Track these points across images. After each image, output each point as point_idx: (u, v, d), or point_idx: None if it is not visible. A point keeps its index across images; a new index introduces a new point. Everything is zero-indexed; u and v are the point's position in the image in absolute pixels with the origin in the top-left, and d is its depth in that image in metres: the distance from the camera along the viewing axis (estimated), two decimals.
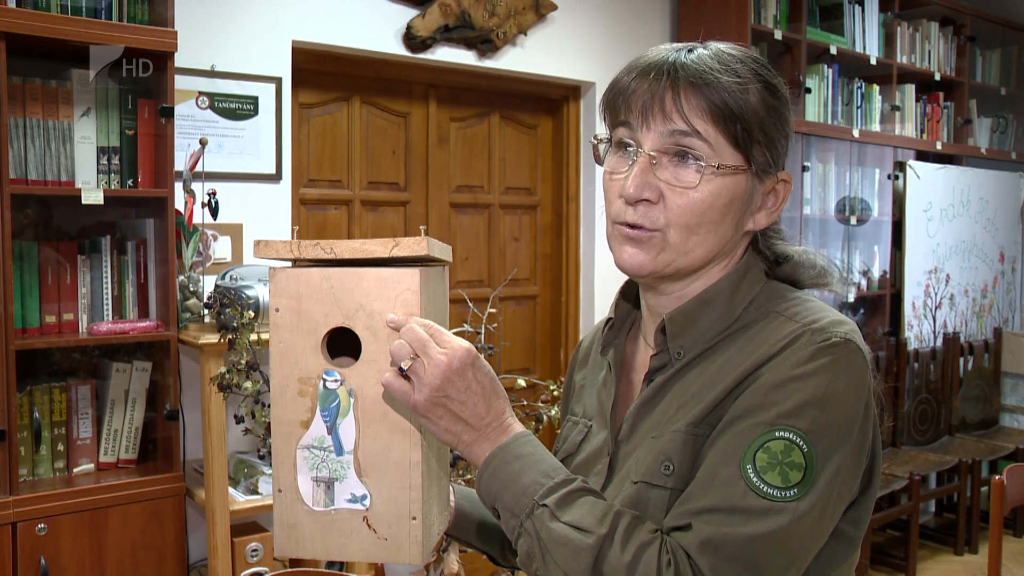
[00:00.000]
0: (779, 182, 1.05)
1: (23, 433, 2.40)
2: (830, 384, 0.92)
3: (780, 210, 1.06)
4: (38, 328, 2.45)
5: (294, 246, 1.06)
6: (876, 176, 4.77)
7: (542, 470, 0.99)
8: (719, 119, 0.98)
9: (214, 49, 2.94)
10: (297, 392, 1.07)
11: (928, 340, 4.90)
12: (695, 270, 1.04)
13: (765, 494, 0.89)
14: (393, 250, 1.03)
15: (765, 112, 1.00)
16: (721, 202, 0.99)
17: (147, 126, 2.56)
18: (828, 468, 0.90)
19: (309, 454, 1.07)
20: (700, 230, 1.00)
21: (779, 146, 1.03)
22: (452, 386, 0.98)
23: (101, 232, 2.61)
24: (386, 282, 1.03)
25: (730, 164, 0.99)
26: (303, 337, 1.06)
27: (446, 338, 1.00)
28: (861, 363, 0.94)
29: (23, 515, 2.28)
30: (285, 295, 1.06)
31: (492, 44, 3.57)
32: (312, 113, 3.35)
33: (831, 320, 0.97)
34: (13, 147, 2.35)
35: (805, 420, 0.90)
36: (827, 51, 4.34)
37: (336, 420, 1.06)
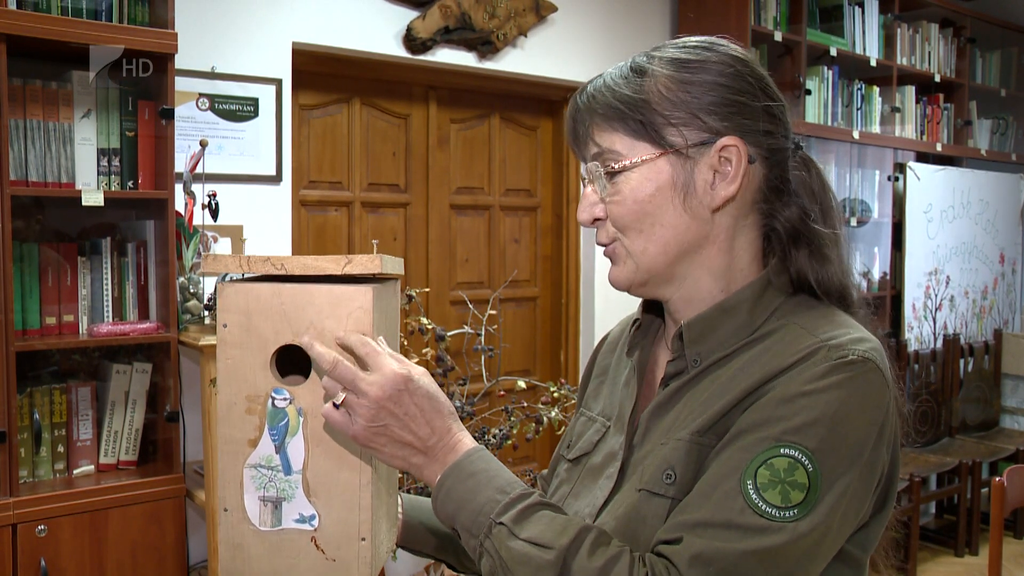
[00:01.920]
0: (723, 149, 1.00)
1: (23, 435, 2.40)
2: (842, 403, 0.89)
3: (739, 175, 1.00)
4: (38, 330, 2.45)
5: (243, 261, 1.04)
6: (876, 178, 4.77)
7: (497, 486, 0.97)
8: (619, 125, 1.01)
9: (214, 51, 2.94)
10: (245, 410, 1.05)
11: (928, 342, 4.90)
12: (667, 268, 1.03)
13: (763, 512, 0.87)
14: (346, 267, 1.02)
15: (675, 92, 1.00)
16: (645, 194, 1.00)
17: (147, 128, 2.56)
18: (834, 489, 0.88)
19: (256, 473, 1.05)
20: (644, 227, 1.01)
21: (707, 117, 0.99)
22: (388, 414, 0.97)
23: (101, 234, 2.61)
24: (338, 299, 1.01)
25: (639, 158, 1.00)
26: (252, 354, 1.04)
27: (378, 363, 0.97)
28: (879, 383, 0.92)
29: (23, 516, 2.28)
30: (234, 311, 1.03)
31: (492, 46, 3.57)
32: (312, 115, 3.36)
33: (852, 337, 0.94)
34: (13, 148, 2.35)
35: (813, 438, 0.88)
36: (827, 53, 4.34)
37: (285, 439, 1.04)
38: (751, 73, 1.02)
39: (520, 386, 2.95)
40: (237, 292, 1.03)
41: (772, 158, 1.03)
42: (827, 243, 1.03)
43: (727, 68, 1.01)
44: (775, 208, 1.04)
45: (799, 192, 1.04)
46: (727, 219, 1.02)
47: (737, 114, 1.00)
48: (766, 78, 1.04)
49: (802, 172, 1.05)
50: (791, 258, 1.03)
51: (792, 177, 1.04)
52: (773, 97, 1.03)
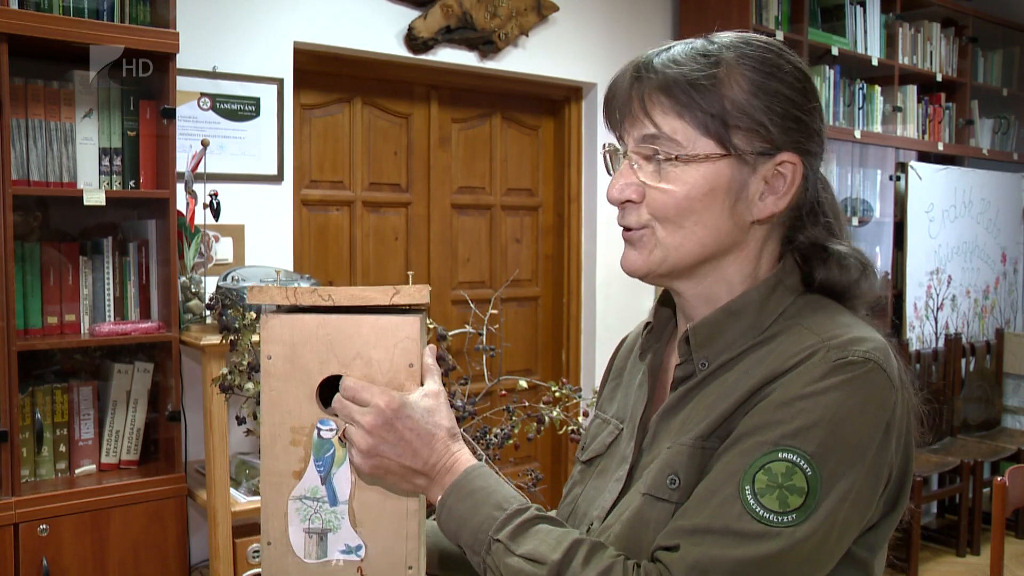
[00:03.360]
0: (781, 164, 0.98)
1: (25, 434, 2.41)
2: (842, 405, 0.88)
3: (791, 194, 0.99)
4: (40, 329, 2.45)
5: (291, 292, 1.03)
6: (878, 177, 4.77)
7: (494, 503, 0.98)
8: (685, 113, 0.97)
9: (216, 50, 2.94)
10: (290, 442, 1.05)
11: (930, 341, 4.89)
12: (693, 266, 1.01)
13: (760, 517, 0.86)
14: (394, 298, 1.02)
15: (749, 95, 0.97)
16: (699, 192, 0.97)
17: (149, 127, 2.56)
18: (834, 493, 0.87)
19: (302, 505, 1.05)
20: (685, 223, 0.99)
21: (773, 127, 0.97)
22: (383, 442, 0.99)
23: (103, 233, 2.61)
24: (384, 330, 1.02)
25: (702, 154, 0.97)
26: (296, 385, 1.04)
27: (368, 396, 1.00)
28: (882, 383, 0.90)
29: (25, 516, 2.28)
30: (278, 342, 1.03)
31: (494, 45, 3.57)
32: (314, 114, 3.36)
33: (853, 336, 0.93)
34: (15, 148, 2.35)
35: (811, 442, 0.87)
36: (829, 52, 4.34)
37: (331, 470, 1.05)
38: (813, 91, 1.01)
39: (522, 386, 2.95)
40: (283, 324, 1.03)
41: (812, 176, 1.02)
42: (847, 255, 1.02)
43: (797, 82, 0.99)
44: (803, 225, 1.03)
45: (827, 212, 1.04)
46: (762, 231, 1.02)
47: (797, 130, 0.99)
48: (818, 97, 1.03)
49: (824, 191, 1.05)
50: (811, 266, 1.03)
51: (822, 198, 1.04)
52: (821, 117, 1.02)
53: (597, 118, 4.00)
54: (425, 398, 1.02)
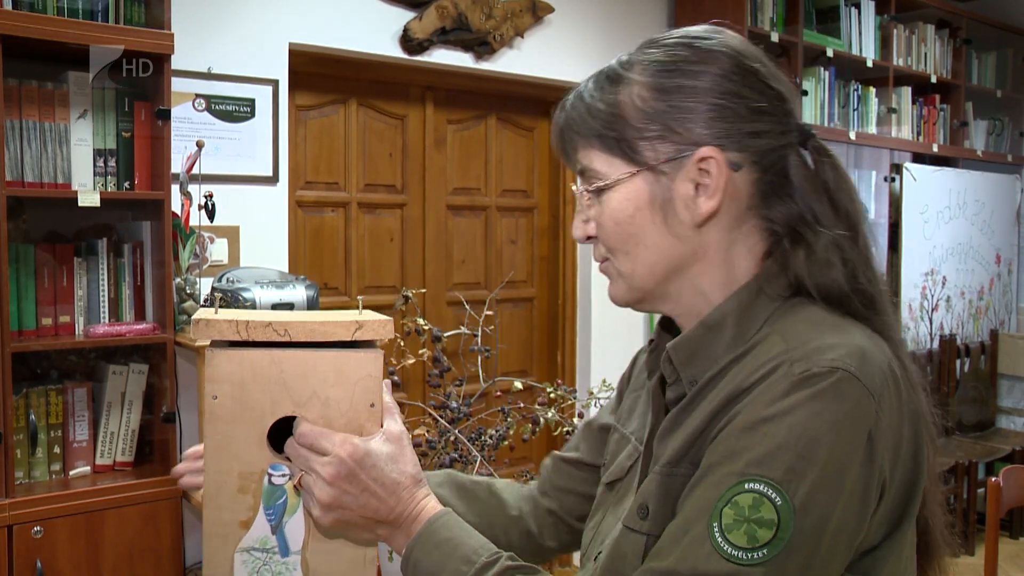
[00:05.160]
0: (701, 161, 0.92)
1: (19, 436, 2.40)
2: (808, 423, 0.80)
3: (720, 189, 0.92)
4: (34, 330, 2.45)
5: (242, 327, 0.93)
6: (873, 178, 4.78)
7: (462, 555, 0.94)
8: (595, 142, 0.96)
9: (211, 52, 2.94)
10: (237, 489, 0.96)
11: (925, 342, 4.90)
12: (659, 287, 0.98)
13: (729, 556, 0.79)
14: (356, 333, 0.94)
15: (651, 102, 0.93)
16: (625, 216, 0.95)
17: (144, 128, 2.56)
18: (809, 521, 0.78)
19: (249, 557, 0.97)
20: (630, 248, 0.96)
21: (683, 127, 0.92)
22: (345, 494, 0.94)
23: (98, 234, 2.61)
24: (344, 367, 0.94)
25: (617, 177, 0.94)
26: (246, 428, 0.95)
27: (328, 445, 0.94)
28: (856, 394, 0.81)
29: (19, 518, 2.27)
30: (226, 381, 0.94)
31: (489, 46, 3.57)
32: (309, 115, 3.35)
33: (820, 344, 0.85)
34: (9, 149, 2.35)
35: (777, 468, 0.79)
36: (824, 54, 4.35)
37: (283, 518, 0.97)
38: (735, 70, 0.94)
39: (517, 387, 2.95)
40: (231, 360, 0.94)
41: (765, 159, 0.94)
42: (830, 244, 0.93)
43: (706, 69, 0.93)
44: (773, 210, 0.95)
45: (803, 190, 0.94)
46: (716, 232, 0.94)
47: (718, 119, 0.92)
48: (758, 72, 0.95)
49: (807, 168, 0.95)
50: (789, 261, 0.94)
51: (794, 175, 0.95)
52: (763, 92, 0.94)
53: None
54: (387, 443, 0.96)
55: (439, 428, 2.24)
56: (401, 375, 2.13)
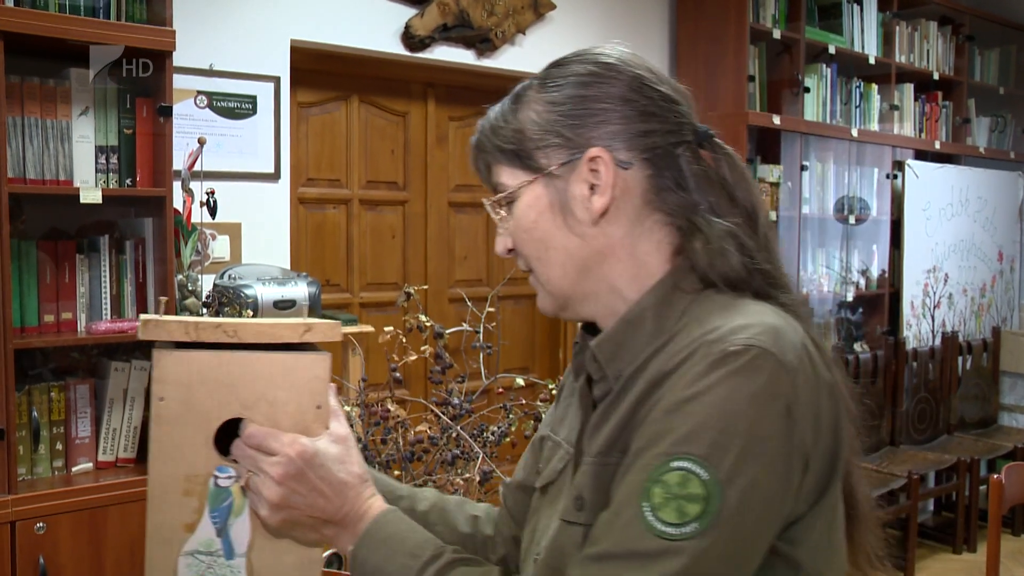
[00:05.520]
0: (591, 161, 0.97)
1: (22, 432, 2.40)
2: (727, 399, 0.83)
3: (610, 186, 0.97)
4: (37, 327, 2.45)
5: (191, 328, 0.94)
6: (875, 175, 4.78)
7: (407, 551, 0.96)
8: (499, 157, 1.03)
9: (212, 48, 2.94)
10: (183, 492, 0.96)
11: (927, 339, 4.90)
12: (576, 289, 1.02)
13: (660, 533, 0.81)
14: (304, 335, 0.96)
15: (544, 113, 1.00)
16: (529, 222, 1.01)
17: (146, 125, 2.55)
18: (736, 493, 0.81)
19: (193, 560, 0.96)
20: (541, 254, 1.02)
21: (571, 132, 0.98)
22: (294, 494, 0.96)
23: (99, 231, 2.61)
24: (292, 369, 0.95)
25: (517, 185, 1.01)
26: (192, 430, 0.95)
27: (277, 445, 0.96)
28: (771, 368, 0.84)
29: (22, 514, 2.27)
30: (172, 382, 0.94)
31: (491, 43, 3.57)
32: (311, 112, 3.35)
33: (734, 325, 0.87)
34: (11, 146, 2.35)
35: (702, 444, 0.82)
36: (826, 50, 4.34)
37: (228, 521, 0.97)
38: (617, 76, 0.99)
39: (518, 383, 2.95)
40: (178, 362, 0.94)
41: (656, 157, 0.98)
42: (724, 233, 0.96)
43: (589, 78, 0.99)
44: (669, 204, 0.99)
45: (699, 184, 0.99)
46: (617, 228, 0.99)
47: (604, 122, 0.98)
48: (643, 77, 1.00)
49: (701, 163, 1.00)
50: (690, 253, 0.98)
51: (688, 170, 0.99)
52: (648, 96, 0.99)
53: None
54: (334, 445, 0.99)
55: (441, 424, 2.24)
56: (403, 372, 2.13)
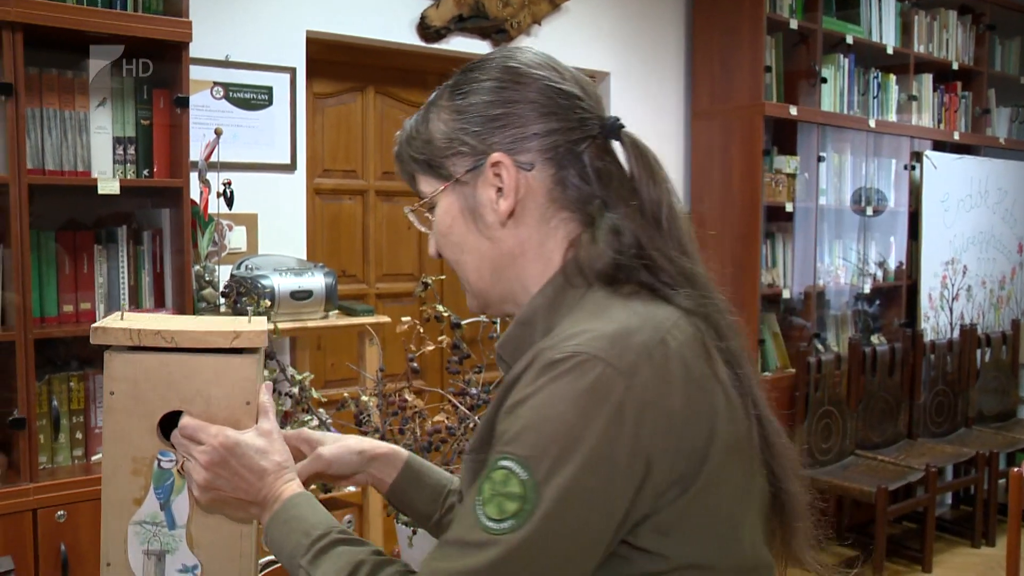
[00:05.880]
0: (494, 166, 1.01)
1: (42, 421, 2.42)
2: (548, 403, 0.86)
3: (513, 189, 1.00)
4: (56, 317, 2.46)
5: (134, 334, 1.07)
6: (892, 166, 4.74)
7: (303, 530, 1.03)
8: (415, 167, 1.08)
9: (229, 39, 2.95)
10: (131, 471, 1.11)
11: (945, 332, 4.87)
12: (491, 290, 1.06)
13: (484, 526, 0.85)
14: (233, 342, 1.09)
15: (449, 122, 1.04)
16: (445, 227, 1.06)
17: (162, 116, 2.56)
18: (553, 494, 0.83)
19: (141, 529, 1.12)
20: (457, 255, 1.07)
21: (475, 139, 1.02)
22: (218, 478, 1.08)
23: (117, 222, 2.62)
24: (224, 370, 1.09)
25: (432, 192, 1.06)
26: (138, 420, 1.09)
27: (204, 436, 1.08)
28: (597, 372, 0.86)
29: (43, 502, 2.29)
30: (121, 379, 1.09)
31: (506, 34, 3.56)
32: (326, 103, 3.36)
33: (570, 333, 0.90)
34: (30, 137, 2.36)
35: (523, 445, 0.86)
36: (843, 41, 4.31)
37: (170, 497, 1.12)
38: (518, 80, 1.02)
39: None
40: (126, 362, 1.08)
41: (558, 156, 1.01)
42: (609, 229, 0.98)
43: (491, 83, 1.03)
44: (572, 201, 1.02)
45: (602, 179, 1.02)
46: (525, 229, 1.02)
47: (504, 127, 1.01)
48: (541, 77, 1.02)
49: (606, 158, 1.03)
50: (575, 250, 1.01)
51: (591, 166, 1.02)
52: (547, 95, 1.02)
53: (610, 107, 3.98)
54: (258, 437, 1.09)
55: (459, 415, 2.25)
56: (420, 362, 2.14)
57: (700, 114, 4.20)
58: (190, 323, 1.13)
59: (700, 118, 4.20)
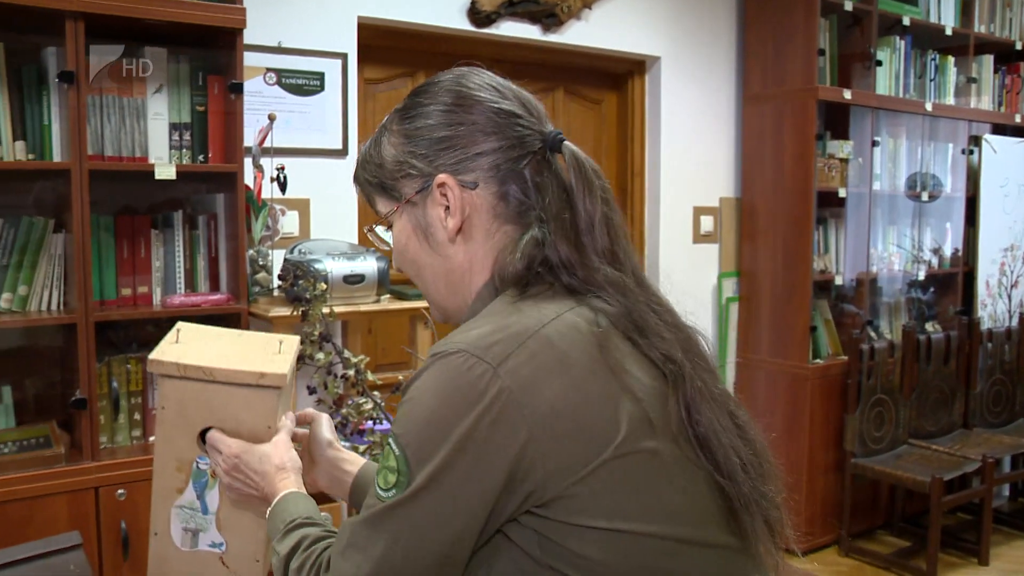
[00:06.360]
0: (440, 187, 1.09)
1: (103, 402, 2.47)
2: (423, 392, 0.98)
3: (459, 208, 1.08)
4: (115, 300, 2.51)
5: (182, 368, 1.34)
6: (949, 151, 4.65)
7: (281, 518, 1.20)
8: (370, 189, 1.17)
9: (281, 26, 2.97)
10: (175, 468, 1.40)
11: (1003, 320, 4.76)
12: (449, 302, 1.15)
13: (377, 494, 0.99)
14: (260, 380, 1.33)
15: (399, 146, 1.12)
16: (401, 245, 1.16)
17: (217, 102, 2.59)
18: (425, 469, 0.95)
19: (181, 512, 1.41)
20: (414, 271, 1.17)
21: (422, 162, 1.10)
22: (233, 479, 1.32)
23: (173, 207, 2.66)
24: (251, 401, 1.35)
25: (388, 212, 1.16)
26: (182, 431, 1.38)
27: (222, 447, 1.32)
28: (467, 367, 0.95)
29: (104, 480, 2.34)
30: (171, 400, 1.36)
31: (557, 18, 3.54)
32: (377, 89, 3.37)
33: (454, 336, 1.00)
34: (90, 124, 2.40)
35: (400, 427, 0.99)
36: (899, 22, 4.22)
37: (204, 491, 1.41)
38: (460, 103, 1.09)
39: None
40: (174, 388, 1.35)
41: (500, 173, 1.08)
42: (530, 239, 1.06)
43: (435, 107, 1.10)
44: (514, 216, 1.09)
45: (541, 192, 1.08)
46: (473, 244, 1.10)
47: (448, 149, 1.09)
48: (481, 99, 1.09)
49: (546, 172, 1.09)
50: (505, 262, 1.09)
51: (532, 180, 1.08)
52: (487, 115, 1.08)
53: (661, 92, 3.96)
54: (265, 447, 1.32)
55: None
56: None
57: (752, 98, 4.15)
58: (230, 352, 1.38)
59: (752, 102, 4.15)
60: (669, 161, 4.02)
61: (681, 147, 4.05)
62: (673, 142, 4.03)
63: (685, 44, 4.02)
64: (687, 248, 4.12)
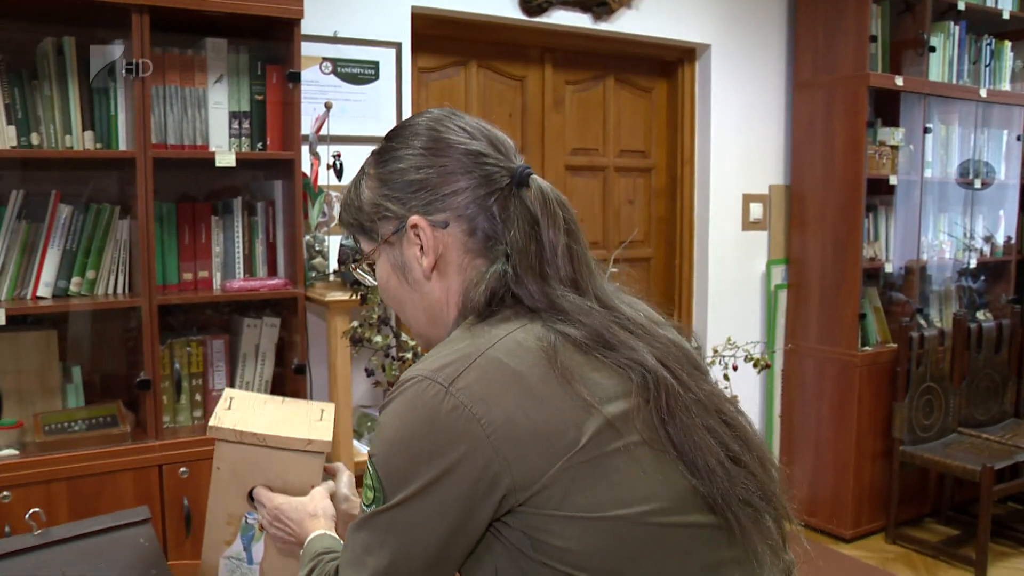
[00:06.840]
0: (413, 228, 1.14)
1: (165, 383, 2.55)
2: (390, 416, 1.05)
3: (431, 247, 1.14)
4: (177, 284, 2.59)
5: (238, 434, 1.50)
6: (1004, 138, 4.58)
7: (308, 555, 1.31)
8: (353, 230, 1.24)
9: (337, 16, 3.02)
10: (226, 522, 1.56)
11: None
12: (430, 333, 1.21)
13: (361, 507, 1.10)
14: (307, 447, 1.50)
15: (375, 190, 1.18)
16: (383, 282, 1.22)
17: (275, 92, 2.65)
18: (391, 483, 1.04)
19: (229, 562, 1.58)
20: (397, 306, 1.23)
21: (396, 205, 1.15)
22: (274, 529, 1.48)
23: (233, 194, 2.73)
24: (297, 464, 1.51)
25: (369, 252, 1.22)
26: (235, 488, 1.53)
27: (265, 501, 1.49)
28: (421, 389, 1.02)
29: (167, 459, 2.43)
30: (226, 460, 1.52)
31: (607, 6, 3.55)
32: (431, 77, 3.41)
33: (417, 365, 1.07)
34: (154, 113, 2.47)
35: (374, 447, 1.07)
36: (954, 7, 4.16)
37: (251, 544, 1.57)
38: (429, 147, 1.15)
39: None
40: (230, 450, 1.51)
41: (469, 211, 1.13)
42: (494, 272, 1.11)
43: (405, 152, 1.16)
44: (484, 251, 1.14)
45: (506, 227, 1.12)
46: (448, 279, 1.16)
47: (419, 191, 1.14)
48: (450, 142, 1.14)
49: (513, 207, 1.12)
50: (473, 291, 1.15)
51: (500, 216, 1.13)
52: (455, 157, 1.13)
53: (711, 80, 3.95)
54: (302, 498, 1.48)
55: None
56: None
57: (802, 85, 4.13)
58: (278, 418, 1.55)
59: (802, 89, 4.13)
60: (719, 148, 4.02)
61: (731, 134, 4.05)
62: (723, 130, 4.02)
63: (735, 32, 4.00)
64: (736, 235, 4.12)
